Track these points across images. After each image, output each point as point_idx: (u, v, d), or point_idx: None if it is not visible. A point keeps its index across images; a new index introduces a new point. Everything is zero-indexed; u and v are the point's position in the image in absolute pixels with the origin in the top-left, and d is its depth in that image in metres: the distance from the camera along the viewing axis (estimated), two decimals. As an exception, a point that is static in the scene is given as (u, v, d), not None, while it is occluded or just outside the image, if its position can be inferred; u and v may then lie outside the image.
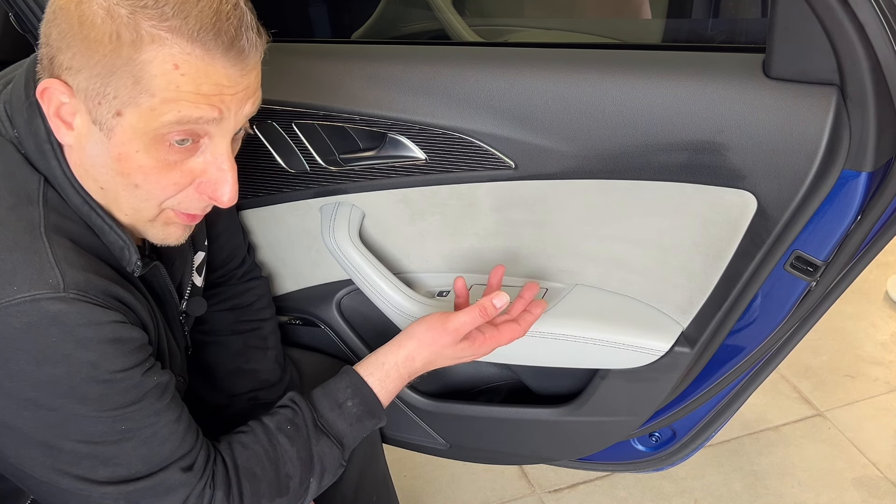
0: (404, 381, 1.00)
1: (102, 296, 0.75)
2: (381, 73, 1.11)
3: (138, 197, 0.78)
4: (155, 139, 0.73)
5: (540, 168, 1.07)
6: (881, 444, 1.93)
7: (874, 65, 0.85)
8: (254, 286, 1.19)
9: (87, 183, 0.79)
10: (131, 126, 0.72)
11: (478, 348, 1.02)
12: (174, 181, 0.77)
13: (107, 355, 0.75)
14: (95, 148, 0.75)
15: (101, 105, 0.72)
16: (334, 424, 0.93)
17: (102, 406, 0.76)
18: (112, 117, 0.72)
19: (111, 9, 0.69)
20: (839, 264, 1.00)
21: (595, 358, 1.17)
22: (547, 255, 1.18)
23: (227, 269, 1.15)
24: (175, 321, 0.96)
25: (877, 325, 2.35)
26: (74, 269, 0.74)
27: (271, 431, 0.90)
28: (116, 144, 0.74)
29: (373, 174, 1.16)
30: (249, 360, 1.15)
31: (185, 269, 0.98)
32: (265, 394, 1.14)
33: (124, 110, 0.72)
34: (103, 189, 0.79)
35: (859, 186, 0.92)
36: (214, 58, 0.71)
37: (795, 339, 1.11)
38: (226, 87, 0.73)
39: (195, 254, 1.00)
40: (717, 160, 0.97)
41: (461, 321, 0.98)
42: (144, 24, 0.69)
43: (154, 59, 0.69)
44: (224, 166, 0.78)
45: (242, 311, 1.17)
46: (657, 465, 1.34)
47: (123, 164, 0.75)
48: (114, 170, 0.76)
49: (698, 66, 0.98)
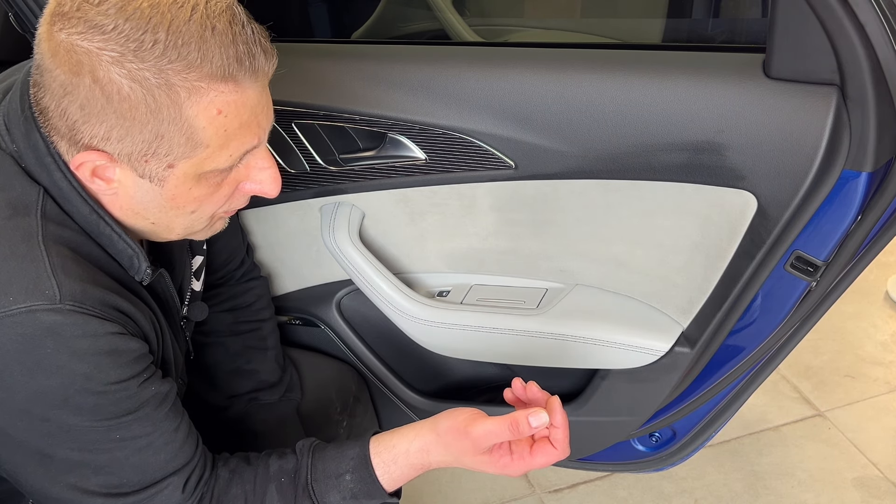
0: (416, 471, 0.88)
1: (100, 306, 0.74)
2: (381, 73, 1.11)
3: (194, 219, 0.80)
4: (207, 174, 0.75)
5: (540, 168, 1.07)
6: (881, 444, 1.92)
7: (874, 65, 0.85)
8: (253, 286, 1.18)
9: (136, 222, 0.79)
10: (184, 174, 0.73)
11: (503, 468, 0.86)
12: (225, 195, 0.79)
13: (102, 367, 0.74)
14: (146, 196, 0.76)
15: (148, 163, 0.72)
16: (325, 494, 0.87)
17: (96, 416, 0.75)
18: (163, 170, 0.73)
19: (134, 75, 0.66)
20: (839, 264, 0.99)
21: (595, 358, 1.17)
22: (547, 255, 1.18)
23: (226, 270, 1.15)
24: (177, 326, 0.95)
25: (877, 325, 2.35)
26: (72, 279, 0.73)
27: (268, 476, 0.88)
28: (170, 189, 0.75)
29: (373, 174, 1.16)
30: (249, 360, 1.15)
31: (185, 275, 0.97)
32: (265, 395, 1.14)
33: (176, 163, 0.72)
34: (154, 224, 0.79)
35: (859, 186, 0.92)
36: (244, 86, 0.71)
37: (796, 340, 1.11)
38: (257, 107, 0.74)
39: (193, 258, 1.00)
40: (717, 160, 0.97)
41: (486, 430, 0.83)
42: (175, 79, 0.67)
43: (199, 113, 0.69)
44: (265, 164, 0.79)
45: (242, 312, 1.16)
46: (657, 466, 1.34)
47: (178, 201, 0.76)
48: (167, 207, 0.77)
49: (698, 66, 0.98)
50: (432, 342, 1.24)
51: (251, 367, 1.14)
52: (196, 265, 1.00)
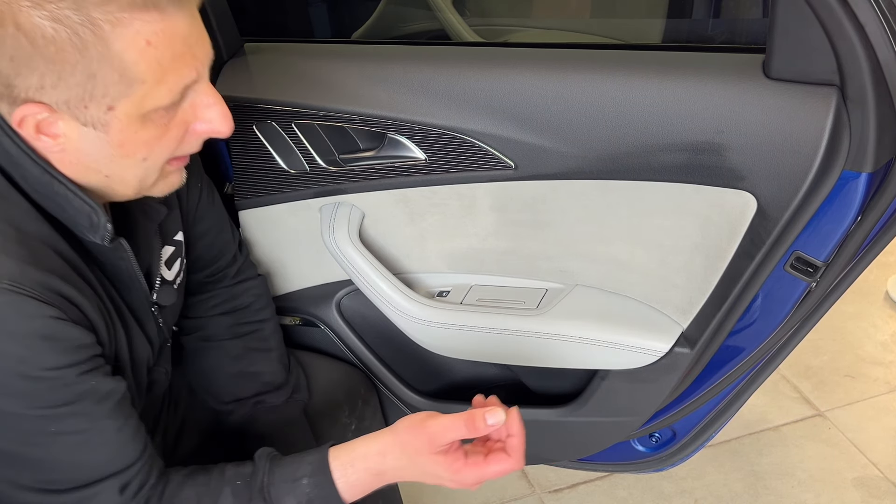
0: (372, 477, 0.85)
1: (39, 288, 0.72)
2: (380, 73, 1.11)
3: (146, 167, 0.78)
4: (150, 113, 0.73)
5: (540, 168, 1.07)
6: (881, 444, 1.92)
7: (874, 65, 0.85)
8: (250, 287, 1.16)
9: (88, 178, 0.77)
10: (126, 114, 0.72)
11: (456, 473, 0.84)
12: (174, 136, 0.77)
13: (37, 351, 0.72)
14: (93, 146, 0.74)
15: (88, 108, 0.71)
16: (281, 498, 0.85)
17: (31, 403, 0.74)
18: (105, 114, 0.71)
19: (55, 15, 0.66)
20: (839, 265, 0.99)
21: (595, 358, 1.17)
22: (547, 255, 1.18)
23: (217, 266, 1.12)
24: (145, 311, 0.93)
25: (877, 325, 2.35)
26: (11, 258, 0.72)
27: (223, 480, 0.86)
28: (116, 134, 0.73)
29: (373, 174, 1.16)
30: (252, 363, 1.12)
31: (153, 259, 0.95)
32: (271, 397, 1.12)
33: (116, 104, 0.71)
34: (108, 177, 0.77)
35: (859, 187, 0.92)
36: (169, 13, 0.70)
37: (796, 340, 1.11)
38: (189, 37, 0.72)
39: (163, 246, 0.98)
40: (717, 160, 0.97)
41: (442, 425, 0.82)
42: (96, 13, 0.66)
43: (127, 47, 0.68)
44: (210, 100, 0.77)
45: (241, 314, 1.14)
46: (657, 466, 1.34)
47: (127, 147, 0.75)
48: (118, 155, 0.75)
49: (698, 67, 0.98)
50: (432, 342, 1.24)
51: (254, 369, 1.12)
52: (167, 254, 0.98)
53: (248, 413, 1.11)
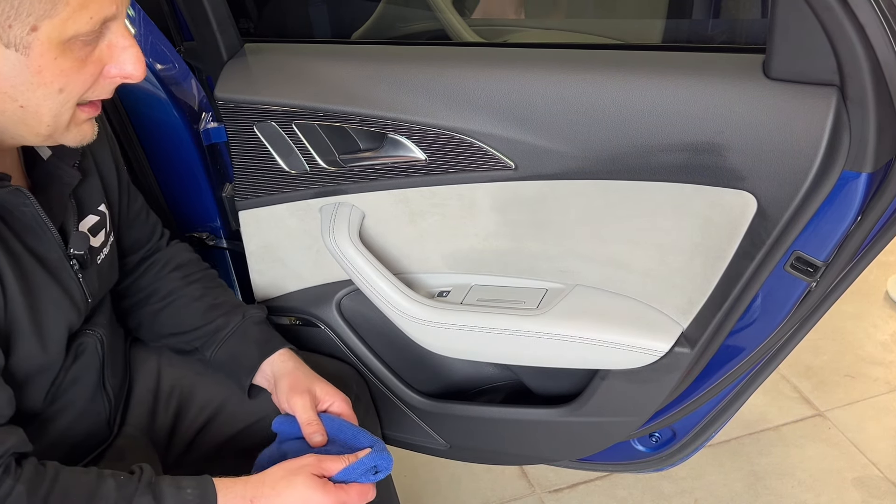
0: None
1: None
2: (381, 73, 1.11)
3: (61, 101, 0.79)
4: (70, 41, 0.75)
5: (540, 168, 1.07)
6: (881, 444, 1.92)
7: (874, 65, 0.85)
8: (181, 247, 1.22)
9: (3, 105, 0.78)
10: (48, 38, 0.74)
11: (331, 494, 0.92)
12: (90, 73, 0.80)
13: None
14: (13, 69, 0.75)
15: (12, 27, 0.72)
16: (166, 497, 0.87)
17: None
18: (27, 34, 0.73)
19: None
20: (839, 265, 0.99)
21: (595, 358, 1.17)
22: (547, 255, 1.18)
23: (153, 239, 1.18)
24: (60, 265, 0.93)
25: (877, 325, 2.35)
26: None
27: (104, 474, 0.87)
28: (35, 58, 0.75)
29: (373, 174, 1.16)
30: (216, 296, 1.18)
31: (67, 217, 0.95)
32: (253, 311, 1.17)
33: (39, 24, 0.73)
34: (23, 107, 0.78)
35: (859, 187, 0.92)
36: None
37: (796, 340, 1.11)
38: None
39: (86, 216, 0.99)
40: (716, 161, 0.97)
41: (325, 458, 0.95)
42: None
43: None
44: (126, 42, 0.80)
45: (186, 267, 1.19)
46: (657, 466, 1.34)
47: (45, 75, 0.76)
48: (35, 83, 0.76)
49: (698, 67, 0.98)
50: (432, 342, 1.24)
51: (220, 300, 1.17)
52: (91, 223, 1.00)
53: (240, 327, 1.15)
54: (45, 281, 0.90)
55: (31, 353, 0.90)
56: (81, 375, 1.00)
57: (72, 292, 0.95)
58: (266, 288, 1.34)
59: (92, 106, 0.84)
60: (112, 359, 1.06)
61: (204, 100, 1.34)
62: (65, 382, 0.98)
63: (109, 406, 1.06)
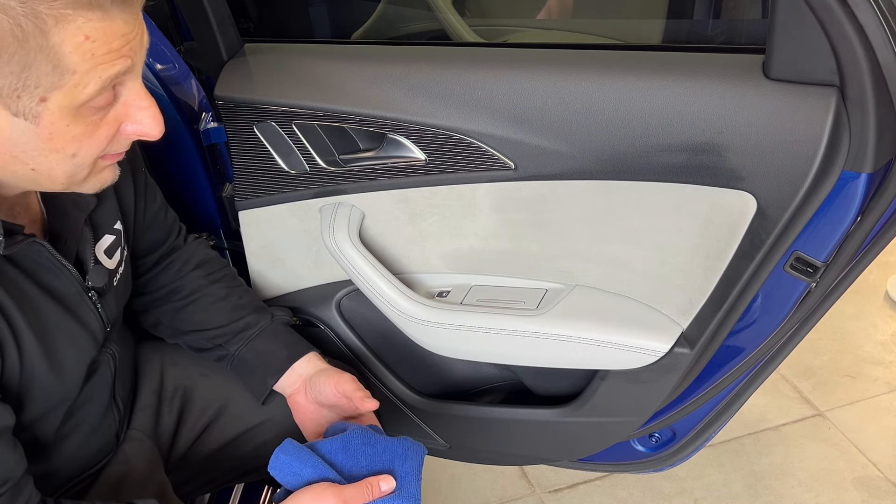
0: None
1: None
2: (380, 73, 1.11)
3: (75, 164, 0.78)
4: (82, 107, 0.73)
5: (539, 169, 1.07)
6: (881, 444, 1.93)
7: (874, 66, 0.85)
8: (200, 244, 1.22)
9: (15, 168, 0.77)
10: (58, 106, 0.72)
11: None
12: (105, 135, 0.78)
13: None
14: (22, 136, 0.74)
15: (21, 98, 0.71)
16: None
17: None
18: (36, 105, 0.71)
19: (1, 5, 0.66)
20: (839, 265, 0.99)
21: (595, 358, 1.17)
22: (546, 255, 1.18)
23: (170, 238, 1.17)
24: (79, 298, 0.93)
25: (877, 325, 2.35)
26: None
27: None
28: (46, 126, 0.73)
29: (372, 174, 1.16)
30: (241, 295, 1.18)
31: (85, 248, 0.95)
32: (280, 313, 1.19)
33: (49, 95, 0.71)
34: (35, 170, 0.77)
35: (859, 187, 0.92)
36: (112, 14, 0.70)
37: (795, 340, 1.11)
38: (129, 35, 0.73)
39: (102, 237, 0.98)
40: (716, 161, 0.97)
41: None
42: (41, 7, 0.66)
43: (64, 40, 0.68)
44: (144, 103, 0.78)
45: (208, 265, 1.19)
46: (657, 466, 1.34)
47: (56, 142, 0.74)
48: (46, 149, 0.75)
49: (698, 67, 0.98)
50: (432, 343, 1.24)
51: (245, 300, 1.18)
52: (107, 244, 0.99)
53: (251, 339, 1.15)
54: (62, 319, 0.89)
55: (50, 392, 0.89)
56: (94, 394, 0.99)
57: (91, 326, 0.94)
58: (266, 288, 1.34)
59: (113, 156, 0.82)
60: (122, 371, 1.05)
61: (204, 100, 1.33)
62: (78, 402, 0.97)
63: (119, 417, 1.05)
